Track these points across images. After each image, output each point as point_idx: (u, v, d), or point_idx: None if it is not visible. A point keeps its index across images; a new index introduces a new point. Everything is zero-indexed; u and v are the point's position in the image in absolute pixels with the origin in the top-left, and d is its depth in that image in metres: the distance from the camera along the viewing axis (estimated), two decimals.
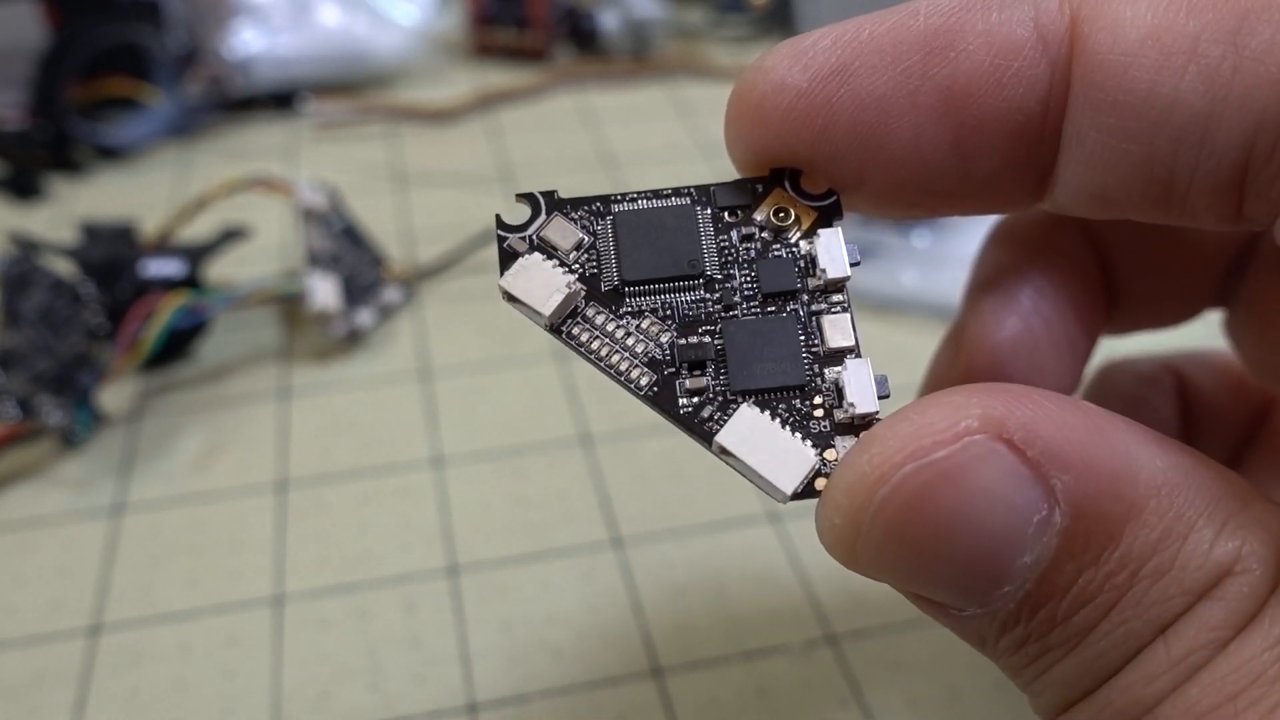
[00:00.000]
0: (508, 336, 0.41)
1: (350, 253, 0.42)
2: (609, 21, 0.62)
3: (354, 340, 0.40)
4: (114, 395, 0.37)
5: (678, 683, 0.28)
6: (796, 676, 0.28)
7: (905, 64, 0.15)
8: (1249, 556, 0.13)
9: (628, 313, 0.16)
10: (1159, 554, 0.13)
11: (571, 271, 0.17)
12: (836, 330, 0.16)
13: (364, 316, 0.40)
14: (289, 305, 0.41)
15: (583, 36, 0.63)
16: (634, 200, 0.17)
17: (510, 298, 0.16)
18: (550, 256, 0.17)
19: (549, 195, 0.17)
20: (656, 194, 0.17)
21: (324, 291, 0.39)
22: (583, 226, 0.17)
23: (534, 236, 0.17)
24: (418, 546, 0.32)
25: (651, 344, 0.16)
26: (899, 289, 0.41)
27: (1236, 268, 0.22)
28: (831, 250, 0.16)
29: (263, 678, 0.28)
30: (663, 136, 0.55)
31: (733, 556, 0.31)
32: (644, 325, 0.16)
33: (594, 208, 0.17)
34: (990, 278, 0.21)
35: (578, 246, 0.17)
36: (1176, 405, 0.24)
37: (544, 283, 0.16)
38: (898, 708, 0.27)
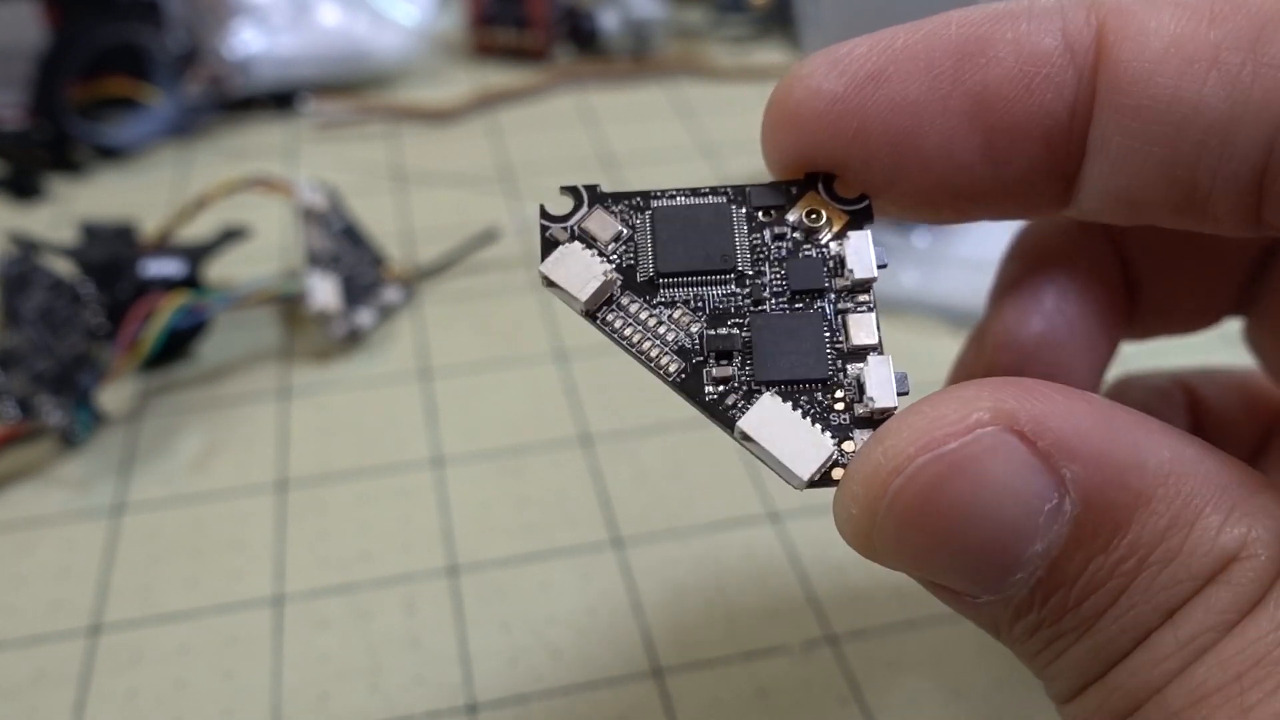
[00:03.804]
0: (508, 336, 0.41)
1: (350, 253, 0.42)
2: (609, 21, 0.62)
3: (354, 340, 0.40)
4: (114, 395, 0.37)
5: (678, 683, 0.28)
6: (796, 676, 0.28)
7: (938, 70, 0.16)
8: (1255, 542, 0.13)
9: (661, 303, 0.17)
10: (1167, 540, 0.13)
11: (609, 262, 0.17)
12: (861, 328, 0.17)
13: (364, 316, 0.40)
14: (289, 305, 0.41)
15: (583, 36, 0.63)
16: (672, 197, 0.18)
17: (549, 283, 0.17)
18: (590, 246, 0.17)
19: (591, 189, 0.18)
20: (695, 192, 0.18)
21: (324, 291, 0.39)
22: (622, 220, 0.18)
23: (575, 227, 0.18)
24: (418, 546, 0.32)
25: (681, 333, 0.17)
26: (899, 289, 0.41)
27: (1257, 276, 0.22)
28: (860, 252, 0.17)
29: (262, 678, 0.28)
30: (663, 136, 0.55)
31: (733, 556, 0.31)
32: (675, 315, 0.17)
33: (634, 202, 0.18)
34: (1015, 280, 0.22)
35: (616, 238, 0.17)
36: (1188, 419, 0.24)
37: (582, 270, 0.17)
38: (898, 708, 0.27)
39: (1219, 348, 0.25)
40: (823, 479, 0.15)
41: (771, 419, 0.16)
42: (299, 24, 0.57)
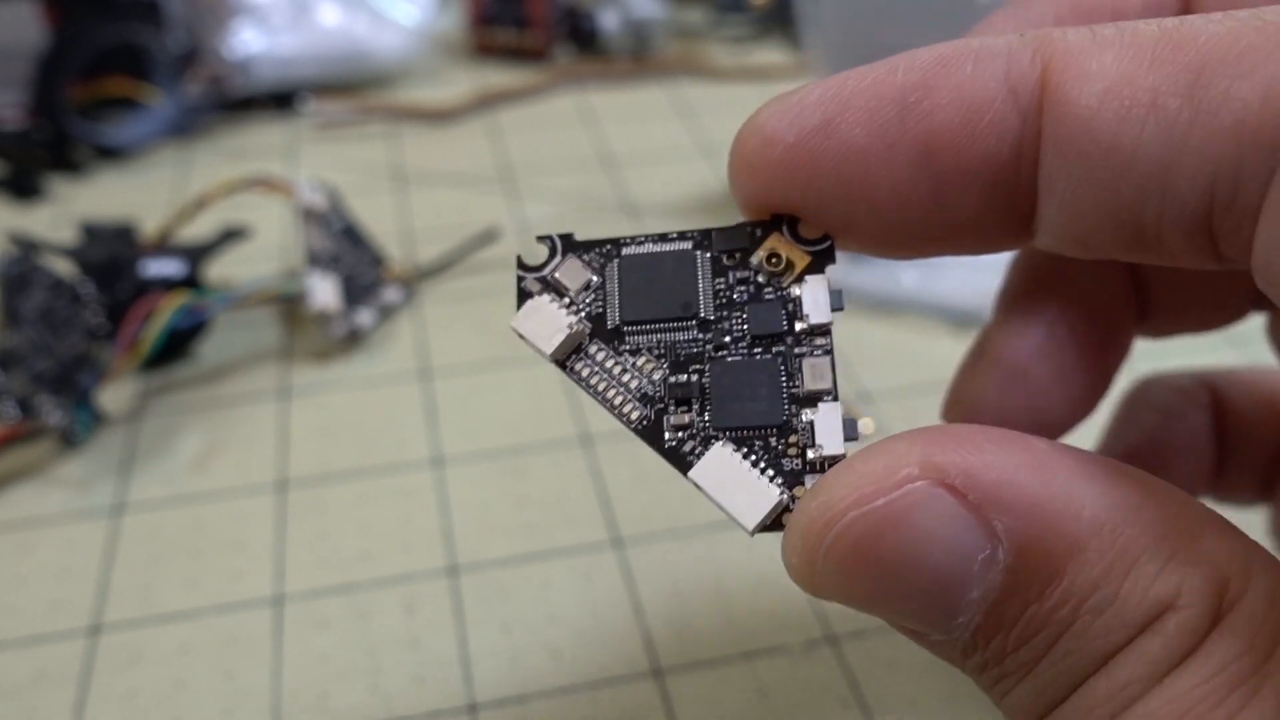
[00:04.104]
0: (508, 336, 0.40)
1: (350, 253, 0.42)
2: (609, 21, 0.62)
3: (354, 340, 0.40)
4: (114, 395, 0.37)
5: (678, 683, 0.28)
6: (796, 676, 0.28)
7: (883, 118, 0.16)
8: (1189, 593, 0.13)
9: (626, 349, 0.18)
10: (1100, 589, 0.14)
11: (579, 310, 0.18)
12: (815, 374, 0.17)
13: (364, 316, 0.40)
14: (289, 305, 0.41)
15: (583, 36, 0.63)
16: (641, 243, 0.18)
17: (520, 335, 0.18)
18: (561, 295, 0.18)
19: (566, 238, 0.19)
20: (663, 238, 0.18)
21: (324, 291, 0.39)
22: (593, 268, 0.18)
23: (549, 277, 0.18)
24: (418, 546, 0.32)
25: (645, 380, 0.18)
26: (899, 289, 0.41)
27: None
28: (816, 298, 0.17)
29: (262, 678, 0.28)
30: (663, 136, 0.55)
31: (733, 556, 0.31)
32: (639, 363, 0.18)
33: (604, 250, 0.19)
34: (1017, 288, 0.22)
35: (586, 286, 0.18)
36: (1211, 419, 0.24)
37: (549, 323, 0.18)
38: (898, 708, 0.27)
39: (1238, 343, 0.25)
40: (773, 524, 0.16)
41: (720, 469, 0.16)
42: (299, 24, 0.57)
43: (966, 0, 0.38)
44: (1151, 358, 0.26)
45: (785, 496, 0.16)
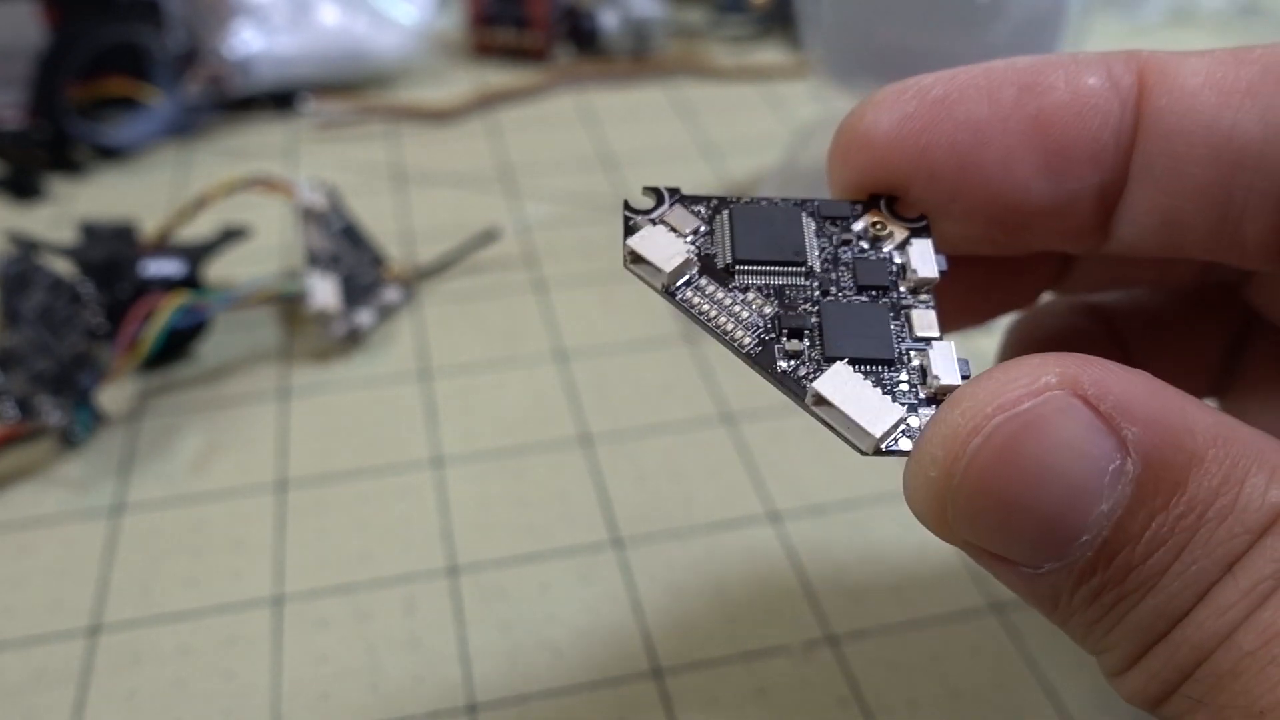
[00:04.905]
0: (507, 336, 0.41)
1: (350, 253, 0.42)
2: (609, 21, 0.62)
3: (354, 340, 0.40)
4: (113, 395, 0.37)
5: (678, 683, 0.28)
6: (796, 676, 0.28)
7: (1000, 96, 0.18)
8: None
9: (735, 287, 0.18)
10: (1221, 497, 0.14)
11: (690, 247, 0.18)
12: (923, 322, 0.18)
13: (364, 316, 0.40)
14: (289, 305, 0.41)
15: (583, 36, 0.63)
16: (748, 203, 0.19)
17: (635, 258, 0.18)
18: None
19: (673, 190, 0.19)
20: (769, 200, 0.19)
21: (324, 291, 0.39)
22: (701, 218, 0.19)
23: (658, 218, 0.19)
24: (418, 546, 0.32)
25: (755, 313, 0.18)
26: None
27: (1231, 361, 0.24)
28: (924, 255, 0.18)
29: (262, 678, 0.28)
30: (663, 136, 0.55)
31: (733, 556, 0.31)
32: (749, 298, 0.18)
33: (711, 204, 0.19)
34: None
35: (695, 231, 0.19)
36: (1107, 332, 0.25)
37: (666, 246, 0.18)
38: (898, 708, 0.27)
39: None
40: (888, 449, 0.16)
41: (844, 383, 0.16)
42: (299, 24, 0.57)
43: (966, 0, 0.38)
44: None
45: (908, 415, 0.16)
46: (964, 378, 0.16)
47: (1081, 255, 0.23)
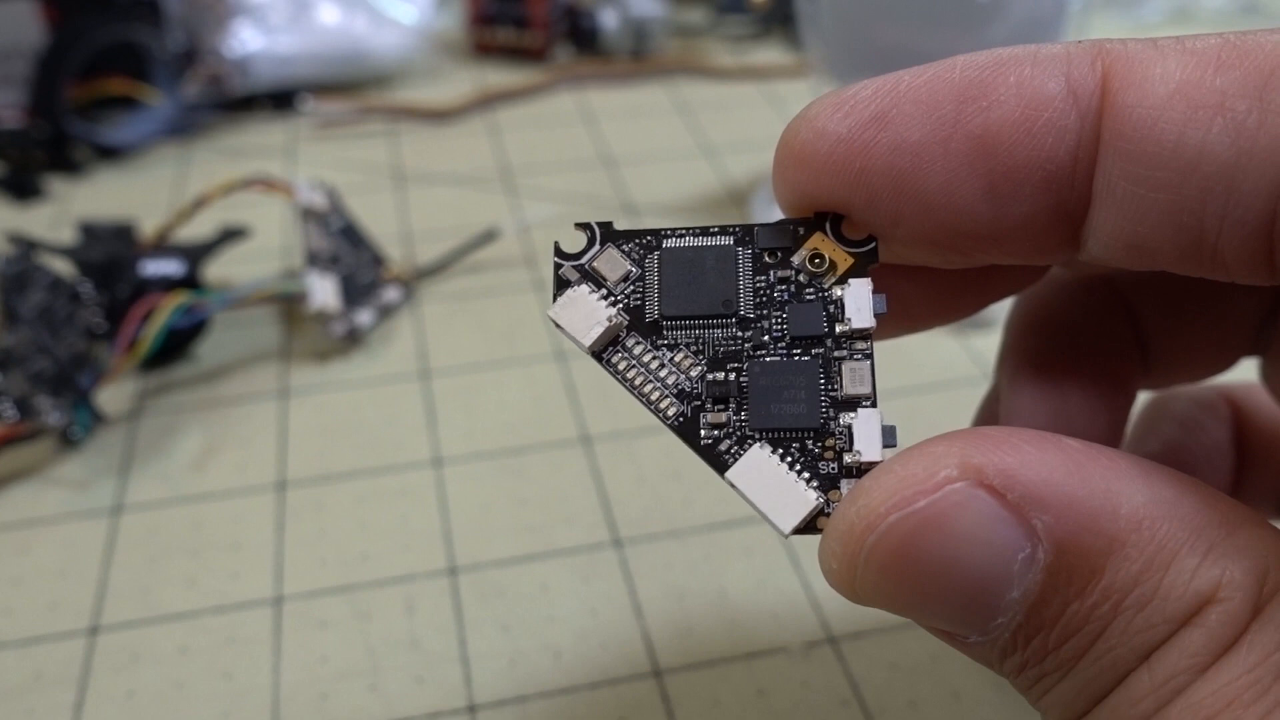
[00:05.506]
0: (507, 336, 0.41)
1: (349, 253, 0.42)
2: (609, 21, 0.62)
3: (353, 340, 0.40)
4: (113, 395, 0.37)
5: (678, 683, 0.28)
6: (796, 677, 0.28)
7: (939, 113, 0.16)
8: (1229, 585, 0.13)
9: (664, 344, 0.17)
10: (1141, 585, 0.14)
11: (617, 302, 0.18)
12: (855, 378, 0.17)
13: (363, 316, 0.40)
14: (288, 305, 0.41)
15: (583, 36, 0.63)
16: (681, 236, 0.18)
17: (557, 325, 0.18)
18: (599, 286, 0.18)
19: (605, 226, 0.18)
20: (704, 231, 0.18)
21: (323, 291, 0.39)
22: (632, 259, 0.18)
23: (587, 265, 0.18)
24: (417, 547, 0.32)
25: (682, 376, 0.17)
26: None
27: (1270, 317, 0.22)
28: (859, 301, 0.17)
29: (262, 678, 0.28)
30: (663, 136, 0.55)
31: (733, 557, 0.31)
32: (677, 358, 0.17)
33: (645, 241, 0.18)
34: (1021, 350, 0.22)
35: (625, 278, 0.18)
36: (1231, 430, 0.24)
37: (587, 314, 0.18)
38: (898, 708, 0.27)
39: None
40: (807, 527, 0.16)
41: (758, 470, 0.16)
42: (298, 23, 0.57)
43: (966, 0, 0.38)
44: None
45: (821, 500, 0.16)
46: (888, 448, 0.16)
47: (1056, 265, 0.22)
